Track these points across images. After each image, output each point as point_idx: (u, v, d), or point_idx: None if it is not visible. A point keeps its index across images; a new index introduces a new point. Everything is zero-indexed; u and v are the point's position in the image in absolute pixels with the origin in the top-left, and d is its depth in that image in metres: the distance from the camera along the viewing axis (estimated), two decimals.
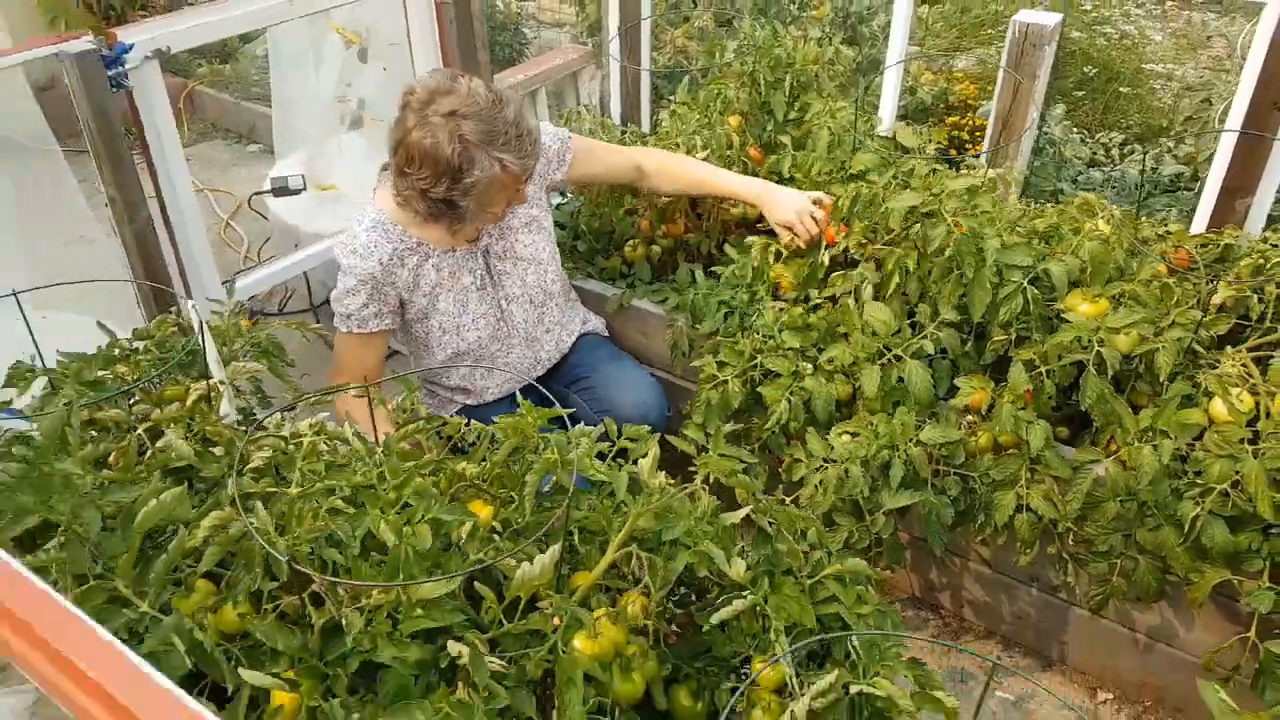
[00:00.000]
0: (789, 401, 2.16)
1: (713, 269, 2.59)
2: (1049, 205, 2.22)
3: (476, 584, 1.20)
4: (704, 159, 2.63)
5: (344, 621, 1.09)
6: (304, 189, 3.30)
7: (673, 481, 1.49)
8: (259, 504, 1.16)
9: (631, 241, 2.77)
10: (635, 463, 1.50)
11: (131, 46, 1.84)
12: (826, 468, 2.05)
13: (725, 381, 2.23)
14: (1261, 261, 2.06)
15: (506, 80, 3.65)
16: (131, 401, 1.65)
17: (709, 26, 3.66)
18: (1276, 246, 2.06)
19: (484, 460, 1.44)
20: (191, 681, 1.14)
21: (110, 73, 1.84)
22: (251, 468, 1.38)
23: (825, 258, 2.29)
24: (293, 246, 3.19)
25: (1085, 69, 3.66)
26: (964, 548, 2.37)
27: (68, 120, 2.07)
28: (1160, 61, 3.62)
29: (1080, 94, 3.64)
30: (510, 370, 2.43)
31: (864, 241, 2.26)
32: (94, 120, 1.85)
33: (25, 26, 5.01)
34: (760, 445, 2.28)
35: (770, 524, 1.50)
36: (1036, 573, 2.27)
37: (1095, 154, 3.34)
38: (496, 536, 1.37)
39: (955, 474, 2.05)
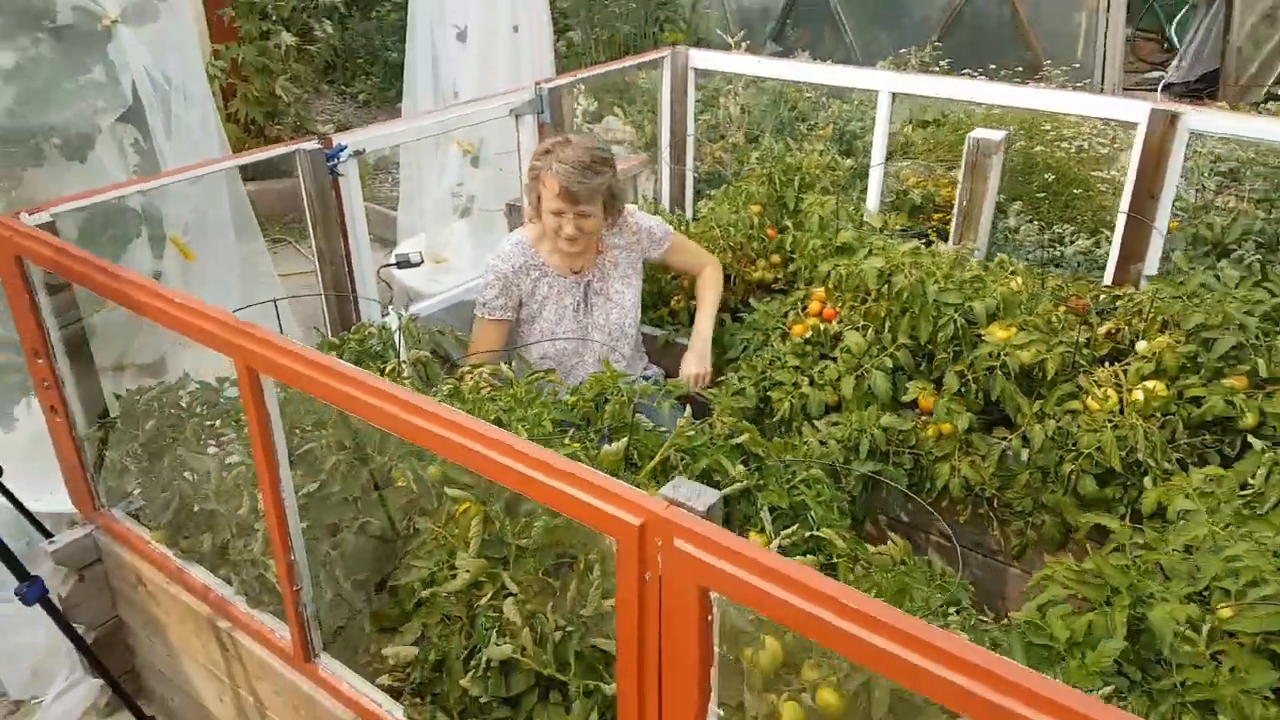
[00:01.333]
0: (790, 403, 2.89)
1: (739, 316, 3.36)
2: (974, 261, 2.97)
3: (581, 456, 1.94)
4: (733, 237, 3.44)
5: None
6: (422, 262, 4.16)
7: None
8: (457, 404, 1.93)
9: (676, 296, 3.56)
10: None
11: (345, 147, 2.70)
12: (814, 445, 2.77)
13: (744, 388, 2.98)
14: (1135, 307, 2.78)
15: None
16: None
17: (740, 141, 4.51)
18: (1144, 296, 2.78)
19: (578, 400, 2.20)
20: None
21: (329, 164, 2.69)
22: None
23: (835, 327, 3.04)
24: (408, 304, 4.03)
25: (1046, 175, 4.44)
26: (925, 523, 3.04)
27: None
28: (1104, 168, 4.39)
29: (1042, 195, 4.41)
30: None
31: (854, 306, 3.01)
32: (316, 196, 2.70)
33: None
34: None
35: (762, 450, 2.23)
36: (979, 539, 2.93)
37: (1052, 240, 4.09)
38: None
39: (909, 452, 2.76)
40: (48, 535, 2.49)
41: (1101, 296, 2.97)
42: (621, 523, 1.23)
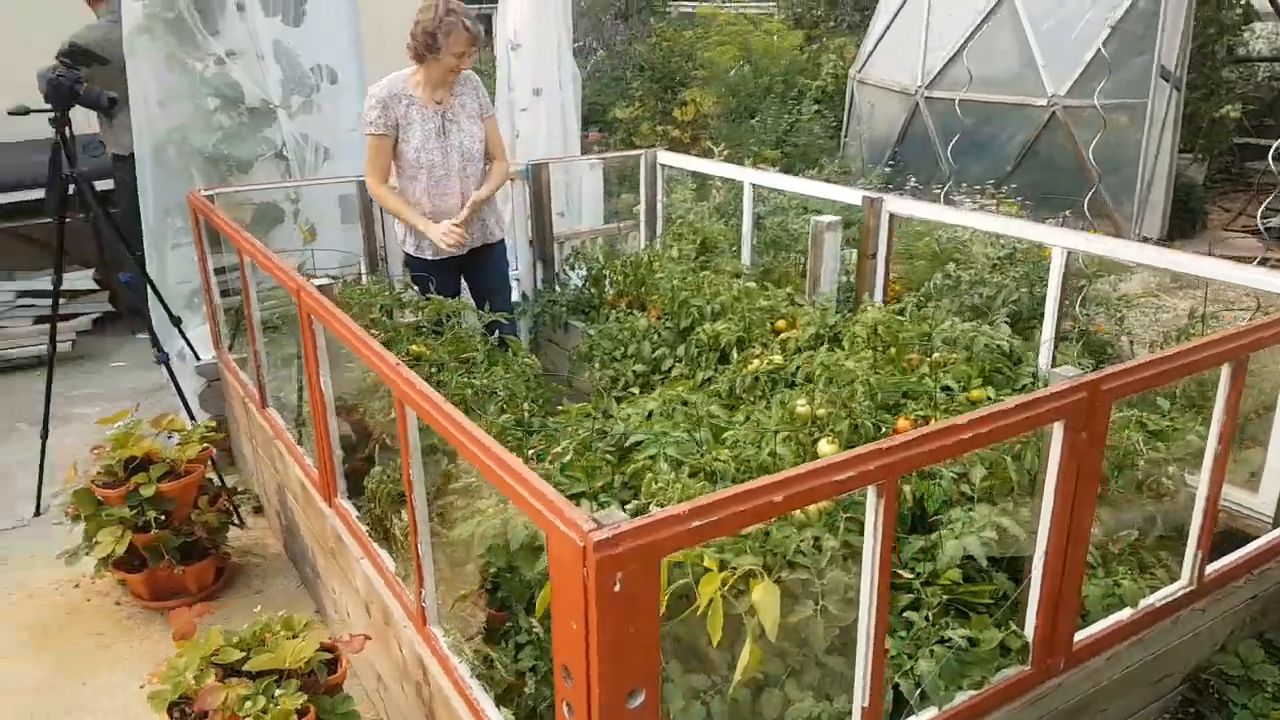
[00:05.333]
0: (600, 358, 4.51)
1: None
2: (709, 278, 4.45)
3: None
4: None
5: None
6: None
7: None
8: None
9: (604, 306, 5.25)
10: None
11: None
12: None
13: (583, 349, 4.63)
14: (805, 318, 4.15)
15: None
16: None
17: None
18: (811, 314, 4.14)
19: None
20: None
21: None
22: None
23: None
24: None
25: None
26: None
27: None
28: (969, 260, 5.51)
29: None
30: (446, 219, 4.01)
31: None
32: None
33: None
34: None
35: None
36: None
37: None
38: None
39: None
40: (198, 358, 4.66)
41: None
42: None
